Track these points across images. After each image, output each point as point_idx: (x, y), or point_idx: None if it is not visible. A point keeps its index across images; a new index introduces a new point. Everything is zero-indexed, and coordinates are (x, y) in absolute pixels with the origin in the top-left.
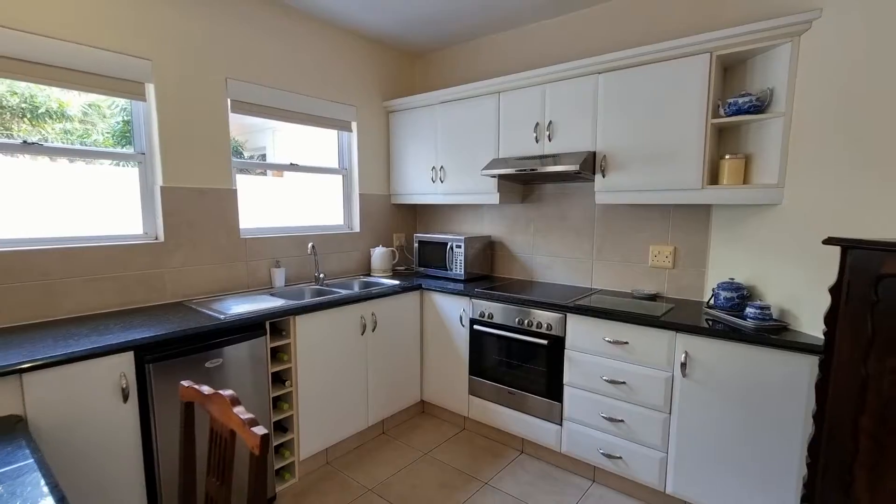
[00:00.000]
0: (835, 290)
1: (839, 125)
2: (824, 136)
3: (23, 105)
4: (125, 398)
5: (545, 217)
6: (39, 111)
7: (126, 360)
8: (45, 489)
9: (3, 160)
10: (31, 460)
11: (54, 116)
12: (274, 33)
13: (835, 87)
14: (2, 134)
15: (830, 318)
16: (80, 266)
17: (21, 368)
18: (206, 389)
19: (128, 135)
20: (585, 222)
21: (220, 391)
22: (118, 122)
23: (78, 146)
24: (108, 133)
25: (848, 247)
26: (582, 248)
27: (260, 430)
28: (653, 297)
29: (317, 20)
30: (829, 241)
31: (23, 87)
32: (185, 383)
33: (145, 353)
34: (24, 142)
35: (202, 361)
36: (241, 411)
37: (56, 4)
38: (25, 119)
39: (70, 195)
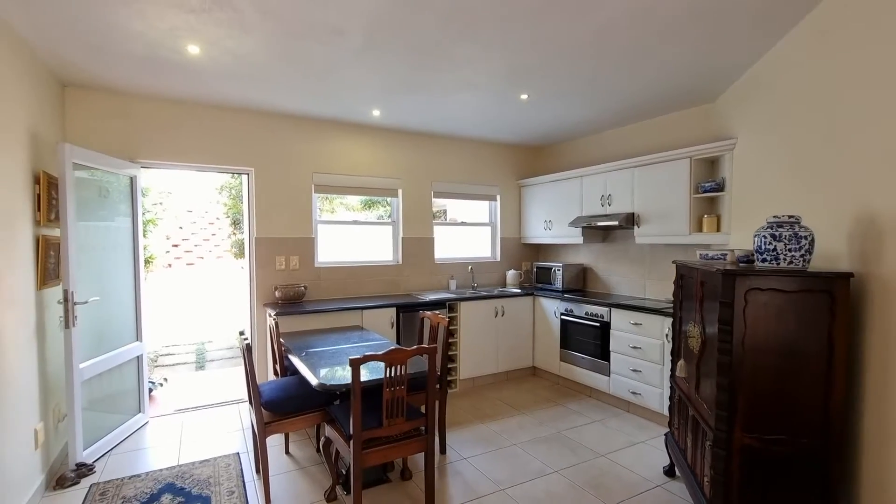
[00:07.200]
0: (675, 281)
1: (746, 202)
2: (742, 208)
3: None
4: (391, 326)
5: (615, 251)
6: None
7: (393, 311)
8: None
9: (345, 227)
10: (388, 340)
11: (330, 200)
12: (452, 151)
13: (744, 180)
14: (333, 212)
15: (673, 294)
16: (370, 273)
17: (361, 307)
18: (429, 313)
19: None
20: (639, 255)
21: (436, 311)
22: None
23: (372, 219)
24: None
25: (676, 264)
26: (637, 271)
27: (445, 318)
28: None
29: (475, 141)
30: (674, 262)
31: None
32: (420, 313)
33: (399, 308)
34: (355, 221)
35: (419, 316)
36: (442, 317)
37: (361, 162)
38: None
39: (364, 240)
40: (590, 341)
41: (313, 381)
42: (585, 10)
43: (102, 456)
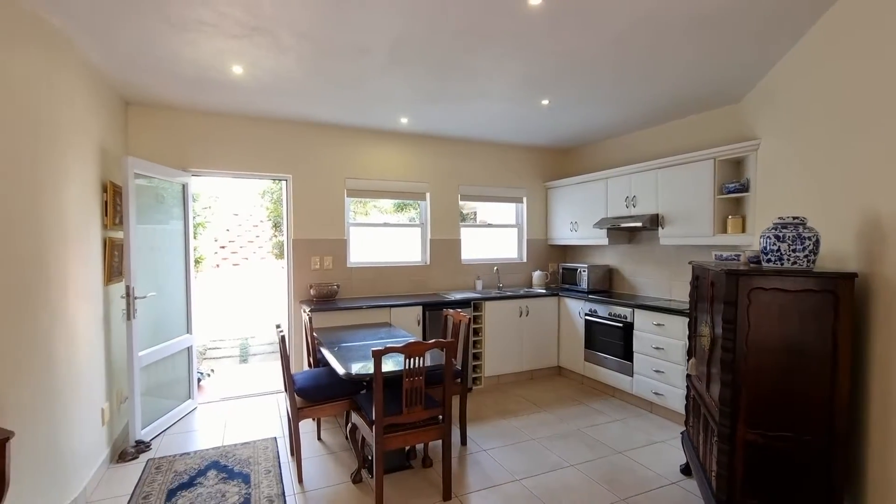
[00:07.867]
0: (691, 282)
1: (771, 203)
2: (766, 209)
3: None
4: (418, 323)
5: (641, 252)
6: (363, 202)
7: (420, 309)
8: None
9: (375, 229)
10: (413, 337)
11: (364, 203)
12: (478, 154)
13: (768, 181)
14: (367, 214)
15: (689, 294)
16: (398, 273)
17: (390, 305)
18: (452, 311)
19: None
20: (664, 256)
21: (458, 310)
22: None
23: (405, 222)
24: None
25: (692, 264)
26: (663, 272)
27: (468, 315)
28: None
29: (500, 145)
30: (690, 262)
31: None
32: (445, 311)
33: (426, 306)
34: (385, 223)
35: (443, 314)
36: (463, 314)
37: (390, 167)
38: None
39: (393, 242)
40: (613, 342)
41: (340, 371)
42: (598, 22)
43: (157, 435)
